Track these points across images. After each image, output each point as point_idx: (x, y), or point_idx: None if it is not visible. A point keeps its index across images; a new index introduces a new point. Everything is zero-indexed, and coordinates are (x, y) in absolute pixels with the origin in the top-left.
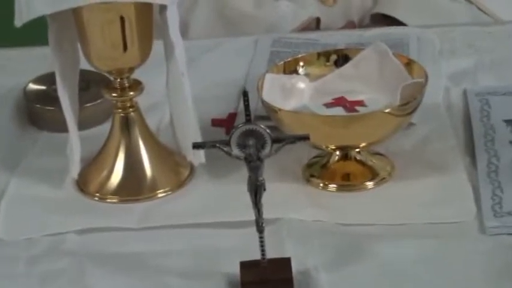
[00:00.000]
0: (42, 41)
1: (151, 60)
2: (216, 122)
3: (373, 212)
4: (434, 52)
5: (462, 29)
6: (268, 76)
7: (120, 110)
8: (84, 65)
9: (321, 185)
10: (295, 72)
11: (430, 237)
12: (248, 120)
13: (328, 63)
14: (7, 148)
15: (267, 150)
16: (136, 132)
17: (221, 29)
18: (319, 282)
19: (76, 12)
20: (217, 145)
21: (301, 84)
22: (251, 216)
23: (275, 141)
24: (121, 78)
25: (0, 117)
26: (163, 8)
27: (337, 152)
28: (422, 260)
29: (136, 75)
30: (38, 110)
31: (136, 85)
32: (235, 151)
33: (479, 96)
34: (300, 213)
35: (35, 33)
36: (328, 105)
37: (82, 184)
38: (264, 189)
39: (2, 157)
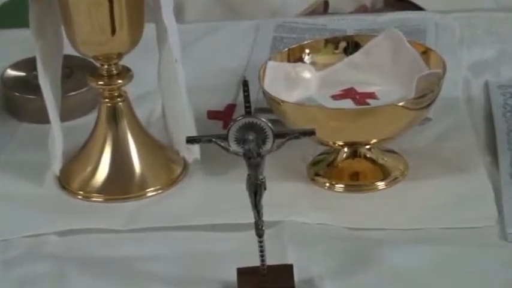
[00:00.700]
0: (22, 23)
1: (142, 45)
2: (212, 115)
3: (384, 215)
4: (454, 40)
5: (484, 15)
6: (271, 64)
7: (107, 100)
8: (68, 49)
9: (327, 184)
10: (301, 60)
11: (446, 244)
12: (248, 113)
13: (336, 51)
14: None
15: (268, 145)
16: (125, 124)
17: (219, 11)
18: None
19: None
20: (214, 140)
21: (307, 74)
22: (250, 218)
23: (277, 136)
24: (108, 65)
25: None
26: None
27: (345, 149)
28: (438, 269)
29: (125, 61)
30: (16, 99)
31: (125, 72)
32: (234, 146)
33: (501, 89)
34: (303, 216)
35: (15, 14)
36: (336, 97)
37: (64, 181)
38: (265, 189)
39: None
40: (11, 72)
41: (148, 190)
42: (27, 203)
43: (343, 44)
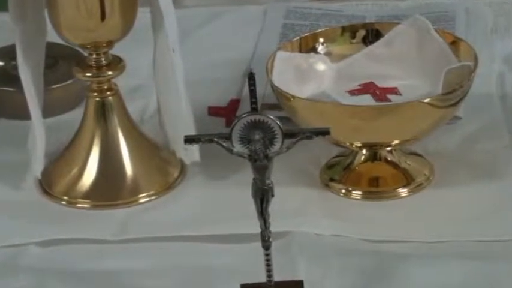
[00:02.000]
0: (0, 6)
1: (135, 32)
2: (214, 111)
3: (407, 226)
4: (486, 29)
5: None
6: (280, 55)
7: (95, 94)
8: (52, 37)
9: (343, 191)
10: (314, 50)
11: (477, 259)
12: (254, 109)
13: (354, 41)
14: None
15: (276, 146)
16: (115, 121)
17: None
18: None
19: None
20: (215, 139)
21: (321, 66)
22: (255, 228)
23: (287, 135)
24: (97, 54)
25: None
26: None
27: (364, 151)
28: (468, 286)
29: (116, 50)
30: None
31: (116, 63)
32: (238, 147)
33: None
34: (315, 226)
35: None
36: (353, 93)
37: (47, 185)
38: (272, 195)
39: None
40: None
41: (141, 196)
42: (3, 209)
43: (361, 33)
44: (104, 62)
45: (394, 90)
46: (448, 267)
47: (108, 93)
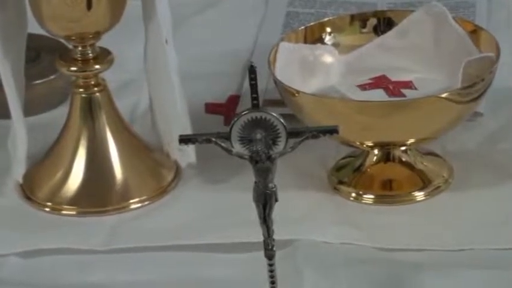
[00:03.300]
0: None
1: (125, 22)
2: (211, 108)
3: (424, 232)
4: (509, 17)
5: None
6: (284, 46)
7: (81, 90)
8: (34, 27)
9: (353, 194)
10: (320, 41)
11: (499, 268)
12: (255, 106)
13: (364, 30)
14: None
15: (280, 146)
16: (103, 120)
17: None
18: None
19: None
20: (213, 139)
21: (328, 58)
22: (258, 236)
23: (291, 134)
24: (83, 47)
25: None
26: None
27: (376, 151)
28: None
29: (103, 42)
30: None
31: (104, 56)
32: (237, 147)
33: None
34: (323, 233)
35: None
36: (364, 87)
37: (29, 189)
38: (276, 200)
39: None
40: None
41: (131, 201)
42: None
43: (372, 22)
44: (90, 55)
45: (408, 84)
46: (467, 277)
47: (96, 89)
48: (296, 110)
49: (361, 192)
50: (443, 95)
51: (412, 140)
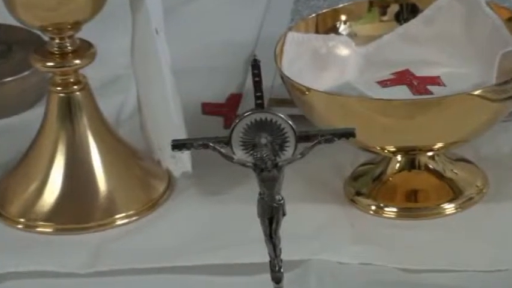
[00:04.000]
0: None
1: (108, 11)
2: (209, 109)
3: (454, 251)
4: None
5: None
6: (292, 37)
7: (59, 89)
8: (5, 17)
9: (373, 207)
10: (334, 31)
11: None
12: (259, 106)
13: (385, 18)
14: None
15: (288, 152)
16: (84, 122)
17: None
18: None
19: None
20: (211, 144)
21: (343, 50)
22: (263, 256)
23: (301, 138)
24: (61, 39)
25: None
26: None
27: (399, 157)
28: None
29: (84, 34)
30: None
31: (85, 49)
32: (240, 154)
33: None
34: (339, 253)
35: None
36: (385, 84)
37: None
38: (284, 214)
39: None
40: None
41: (117, 217)
42: None
43: (394, 8)
44: (69, 48)
45: (436, 80)
46: None
47: (75, 87)
48: (307, 110)
49: (382, 205)
50: (476, 92)
51: (440, 144)
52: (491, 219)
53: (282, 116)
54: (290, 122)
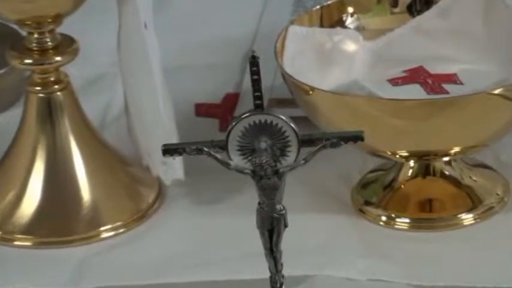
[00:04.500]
0: None
1: (93, 3)
2: (203, 110)
3: (473, 265)
4: None
5: None
6: (294, 31)
7: (38, 88)
8: None
9: (383, 218)
10: (341, 24)
11: None
12: (258, 107)
13: (396, 10)
14: None
15: (290, 158)
16: (66, 125)
17: None
18: None
19: None
20: (206, 149)
21: (351, 45)
22: (262, 272)
23: (304, 142)
24: (40, 34)
25: None
26: None
27: (412, 163)
28: None
29: (66, 28)
30: None
31: (67, 45)
32: (237, 160)
33: None
34: (347, 268)
35: None
36: (396, 82)
37: None
38: (285, 226)
39: None
40: None
41: (102, 229)
42: None
43: None
44: (49, 44)
45: (452, 78)
46: None
47: (56, 86)
48: (310, 111)
49: (393, 215)
50: (496, 91)
51: (457, 149)
52: None
53: (283, 117)
54: (292, 125)
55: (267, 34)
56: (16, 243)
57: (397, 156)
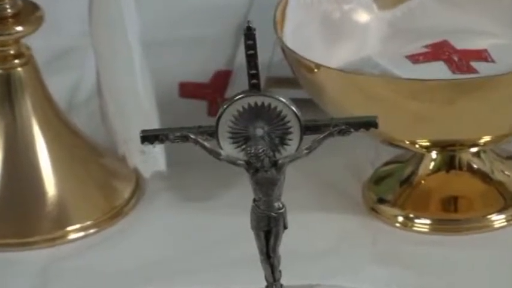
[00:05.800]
0: None
1: None
2: (189, 90)
3: (504, 274)
4: None
5: None
6: None
7: None
8: None
9: (400, 219)
10: None
11: None
12: (254, 86)
13: None
14: None
15: (291, 147)
16: (28, 107)
17: None
18: None
19: None
20: (192, 136)
21: (363, 16)
22: (257, 279)
23: (308, 129)
24: None
25: None
26: None
27: (434, 154)
28: None
29: None
30: None
31: (29, 13)
32: (228, 148)
33: None
34: (356, 276)
35: None
36: (416, 59)
37: None
38: (285, 227)
39: None
40: None
41: (70, 229)
42: None
43: None
44: (8, 11)
45: (482, 55)
46: None
47: (17, 61)
48: (315, 92)
49: (411, 215)
50: None
51: (487, 138)
52: None
53: (282, 99)
54: (293, 108)
55: (264, 2)
56: None
57: (417, 146)
